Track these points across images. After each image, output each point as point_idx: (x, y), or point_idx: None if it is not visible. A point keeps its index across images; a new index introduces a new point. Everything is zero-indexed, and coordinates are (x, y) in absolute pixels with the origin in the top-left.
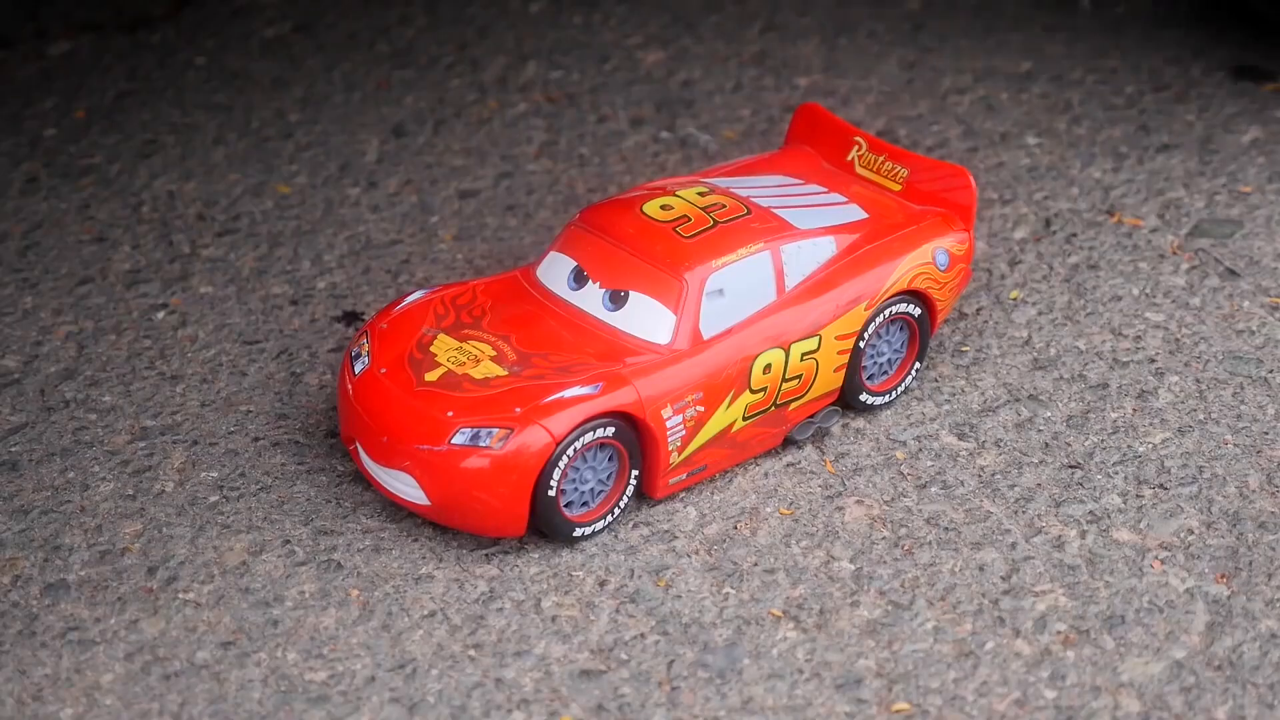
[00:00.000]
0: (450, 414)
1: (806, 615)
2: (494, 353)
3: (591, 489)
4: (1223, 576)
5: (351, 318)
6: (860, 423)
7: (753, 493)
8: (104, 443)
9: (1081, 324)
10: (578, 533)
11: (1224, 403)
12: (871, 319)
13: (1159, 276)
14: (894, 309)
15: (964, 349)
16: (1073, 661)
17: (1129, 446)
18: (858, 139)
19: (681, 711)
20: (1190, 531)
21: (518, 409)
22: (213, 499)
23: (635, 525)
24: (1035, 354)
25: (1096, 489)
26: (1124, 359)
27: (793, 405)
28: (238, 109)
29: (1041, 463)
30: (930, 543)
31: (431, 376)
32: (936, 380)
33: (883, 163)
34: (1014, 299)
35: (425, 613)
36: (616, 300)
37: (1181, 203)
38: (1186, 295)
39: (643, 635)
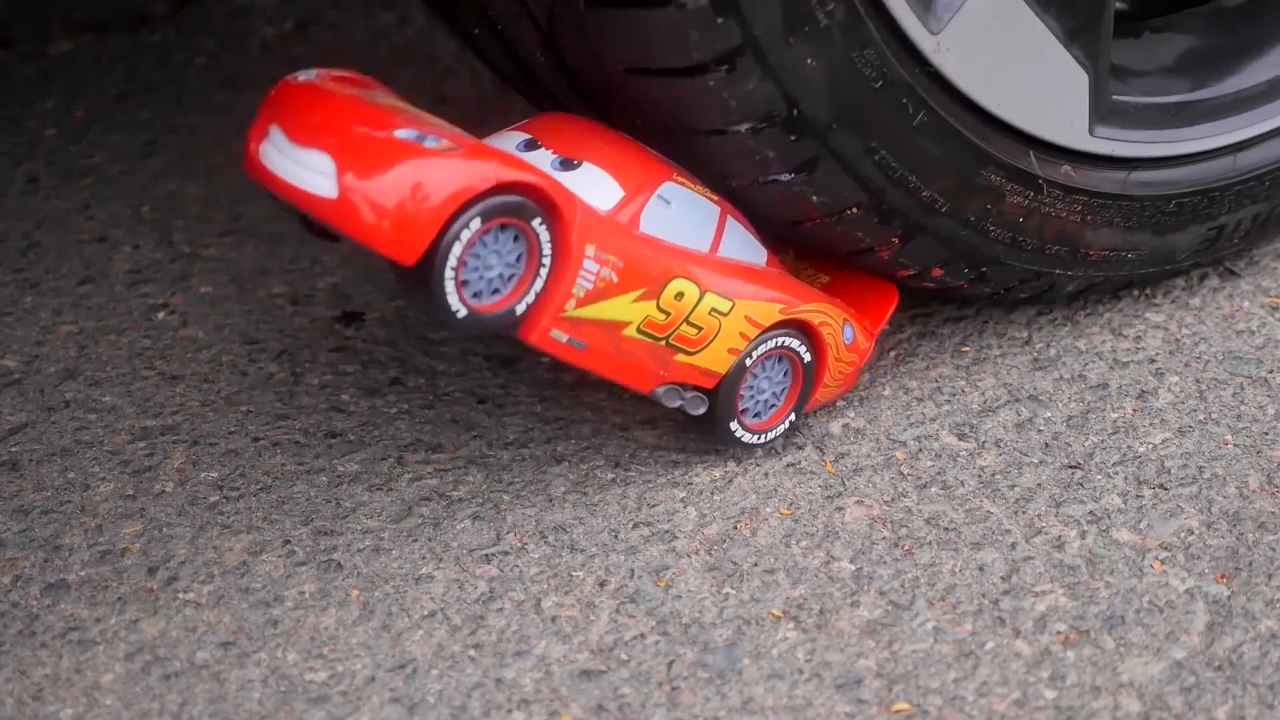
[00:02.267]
0: (400, 121)
1: (806, 615)
2: (453, 133)
3: (500, 275)
4: (1223, 576)
5: (352, 318)
6: (860, 423)
7: (753, 493)
8: (104, 443)
9: (1081, 324)
10: (460, 312)
11: (1224, 403)
12: (776, 328)
13: None
14: (791, 341)
15: (964, 349)
16: (1073, 661)
17: (1129, 446)
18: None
19: (681, 711)
20: (1190, 531)
21: (471, 144)
22: (213, 499)
23: (635, 525)
24: (1035, 354)
25: (1096, 489)
26: (1124, 359)
27: (679, 356)
28: (238, 109)
29: (1041, 463)
30: (930, 543)
31: (386, 102)
32: (936, 380)
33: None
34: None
35: (425, 613)
36: (567, 165)
37: None
38: (1186, 295)
39: (643, 635)
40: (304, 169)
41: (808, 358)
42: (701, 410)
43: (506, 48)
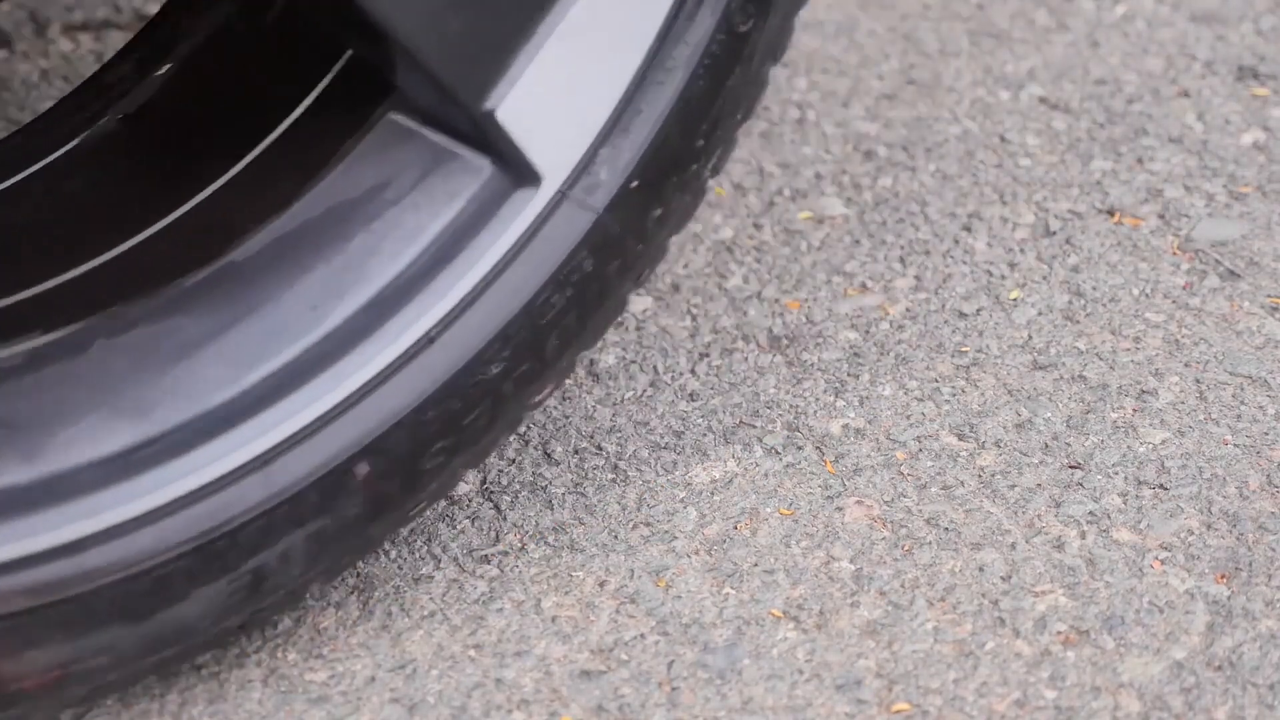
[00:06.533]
0: None
1: (806, 615)
2: None
3: None
4: (1223, 576)
5: None
6: (860, 423)
7: (753, 493)
8: None
9: (1081, 324)
10: None
11: (1224, 403)
12: None
13: (1159, 276)
14: None
15: (964, 349)
16: (1073, 662)
17: (1129, 446)
18: None
19: (681, 711)
20: (1190, 531)
21: None
22: None
23: (635, 525)
24: (1035, 354)
25: (1096, 489)
26: (1124, 359)
27: None
28: None
29: (1041, 463)
30: (930, 543)
31: None
32: (936, 380)
33: None
34: (1014, 299)
35: (425, 613)
36: None
37: (1181, 203)
38: (1186, 295)
39: (643, 635)
40: None
41: None
42: None
43: None
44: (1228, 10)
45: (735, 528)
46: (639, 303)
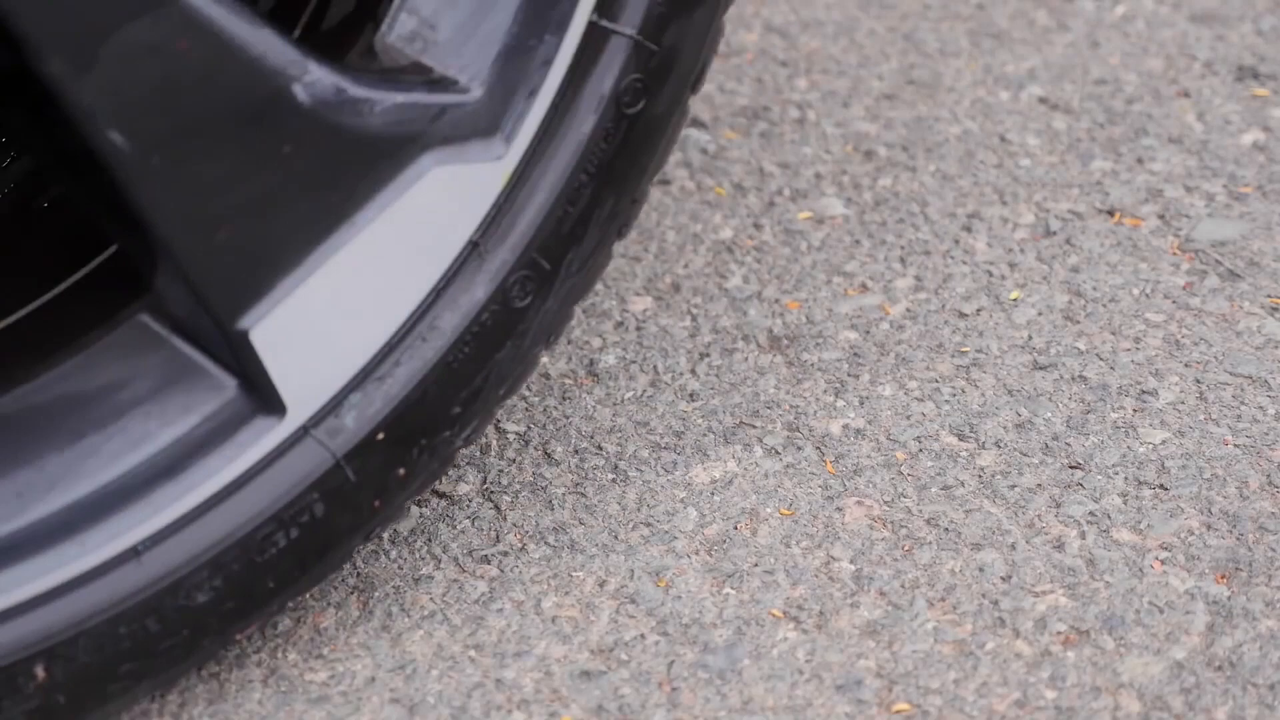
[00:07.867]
0: None
1: (806, 615)
2: None
3: None
4: (1223, 576)
5: None
6: (860, 423)
7: (753, 493)
8: None
9: (1081, 324)
10: None
11: (1224, 403)
12: None
13: (1159, 276)
14: None
15: (964, 349)
16: (1073, 661)
17: (1129, 447)
18: None
19: (681, 712)
20: (1190, 531)
21: None
22: None
23: (635, 525)
24: (1035, 354)
25: (1096, 489)
26: (1124, 359)
27: None
28: None
29: (1041, 463)
30: (930, 543)
31: None
32: (936, 380)
33: None
34: (1014, 299)
35: (425, 613)
36: None
37: (1181, 203)
38: (1186, 295)
39: (643, 635)
40: None
41: None
42: None
43: None
44: (1228, 10)
45: (735, 528)
46: (639, 303)
